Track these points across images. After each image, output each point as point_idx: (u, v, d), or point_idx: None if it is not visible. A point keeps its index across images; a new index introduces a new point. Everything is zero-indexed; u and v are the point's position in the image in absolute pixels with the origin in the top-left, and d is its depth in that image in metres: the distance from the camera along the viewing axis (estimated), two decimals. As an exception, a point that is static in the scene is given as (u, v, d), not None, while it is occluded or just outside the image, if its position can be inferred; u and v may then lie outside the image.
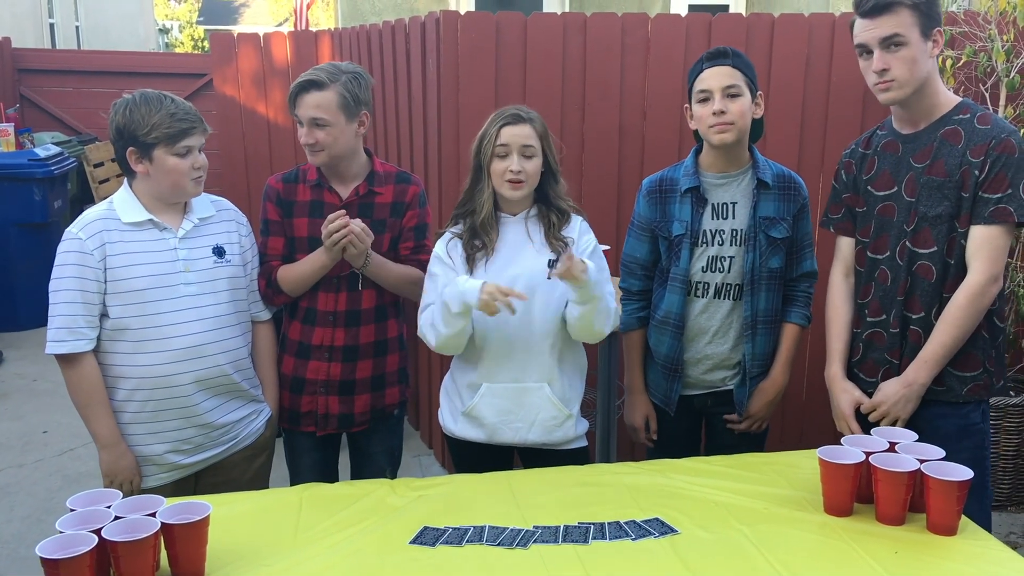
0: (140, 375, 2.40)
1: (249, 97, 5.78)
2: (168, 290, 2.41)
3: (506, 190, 2.49)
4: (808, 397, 4.13)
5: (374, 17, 8.14)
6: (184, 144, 2.38)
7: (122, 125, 2.37)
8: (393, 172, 2.79)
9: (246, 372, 2.60)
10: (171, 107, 2.38)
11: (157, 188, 2.43)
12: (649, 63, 3.88)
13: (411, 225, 2.76)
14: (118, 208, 2.43)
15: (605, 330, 2.51)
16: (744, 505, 2.08)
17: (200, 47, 31.94)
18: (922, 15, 2.27)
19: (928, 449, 2.05)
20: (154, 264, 2.41)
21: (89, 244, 2.35)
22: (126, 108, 2.38)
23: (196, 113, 2.44)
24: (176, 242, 2.45)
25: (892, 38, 2.28)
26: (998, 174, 2.26)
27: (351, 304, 2.70)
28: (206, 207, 2.56)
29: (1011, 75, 3.84)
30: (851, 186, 2.57)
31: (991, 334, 2.39)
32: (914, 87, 2.32)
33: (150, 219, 2.42)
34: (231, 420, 2.56)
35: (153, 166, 2.39)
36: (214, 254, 2.52)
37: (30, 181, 6.65)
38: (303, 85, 2.61)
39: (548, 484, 2.22)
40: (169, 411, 2.44)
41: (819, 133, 3.97)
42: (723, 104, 2.52)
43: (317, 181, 2.70)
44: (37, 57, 9.01)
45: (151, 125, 2.34)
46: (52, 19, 15.90)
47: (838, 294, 2.61)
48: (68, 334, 2.35)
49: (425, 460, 4.44)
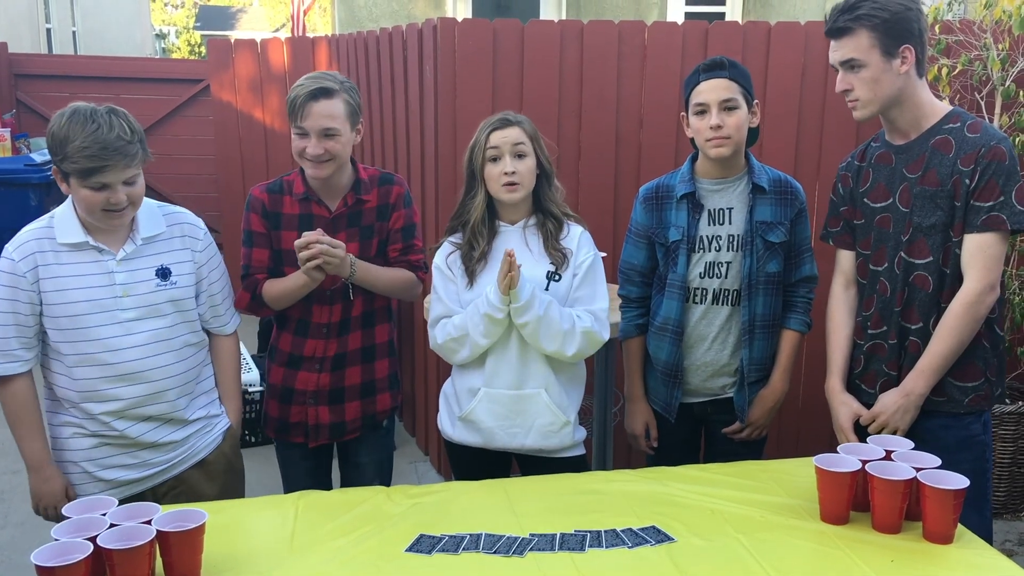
0: (78, 399, 2.33)
1: (246, 102, 5.78)
2: (105, 315, 2.31)
3: (503, 194, 2.49)
4: (805, 403, 4.13)
5: (371, 24, 8.16)
6: (96, 180, 2.19)
7: (49, 140, 2.23)
8: (376, 175, 2.74)
9: (193, 394, 2.49)
10: (88, 138, 2.15)
11: (80, 211, 2.30)
12: (646, 71, 3.89)
13: (398, 227, 2.72)
14: (57, 226, 2.31)
15: (565, 351, 2.48)
16: (740, 513, 2.08)
17: (197, 52, 31.96)
18: (883, 35, 2.27)
19: (924, 457, 2.05)
20: (89, 288, 2.30)
21: (21, 267, 2.27)
22: (52, 127, 2.21)
23: (122, 146, 2.18)
24: (115, 265, 2.32)
25: (850, 61, 2.32)
26: (989, 182, 2.26)
27: (344, 313, 2.67)
28: (155, 224, 2.41)
29: (1006, 84, 3.86)
30: (848, 199, 2.57)
31: (991, 343, 2.38)
32: (880, 105, 2.34)
33: (87, 241, 2.30)
34: (174, 440, 2.45)
35: (71, 190, 2.26)
36: (157, 276, 2.38)
37: (26, 186, 6.64)
38: (313, 93, 2.50)
39: (545, 492, 2.22)
40: (110, 434, 2.36)
41: (815, 141, 3.98)
42: (720, 118, 2.53)
43: (305, 195, 2.64)
44: (33, 62, 9.00)
45: (64, 154, 2.18)
46: (49, 24, 15.90)
47: (838, 306, 2.60)
48: (1, 356, 2.30)
49: (421, 466, 4.43)
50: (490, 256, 2.54)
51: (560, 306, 2.49)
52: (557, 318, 2.45)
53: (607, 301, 2.59)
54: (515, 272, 2.37)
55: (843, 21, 2.30)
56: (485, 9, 8.64)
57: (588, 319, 2.51)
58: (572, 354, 2.49)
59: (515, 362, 2.51)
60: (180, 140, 8.14)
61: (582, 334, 2.49)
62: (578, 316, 2.50)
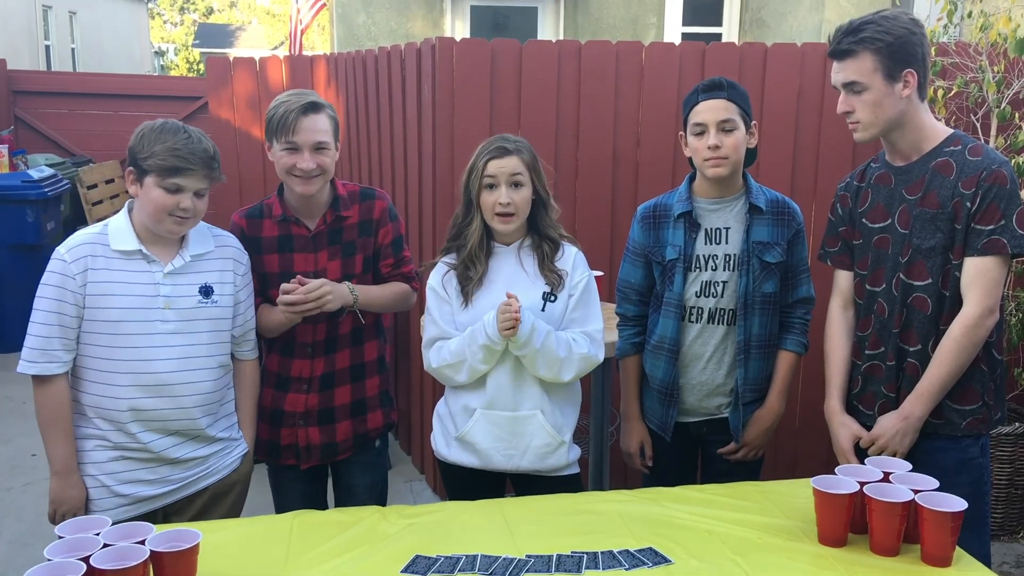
0: (107, 406, 2.36)
1: (244, 120, 5.79)
2: (143, 324, 2.35)
3: (497, 224, 2.50)
4: (802, 424, 4.13)
5: (369, 42, 8.19)
6: (174, 181, 2.31)
7: (132, 144, 2.36)
8: (356, 191, 2.72)
9: (217, 415, 2.51)
10: (179, 142, 2.32)
11: (141, 216, 2.39)
12: (643, 90, 3.91)
13: (387, 241, 2.72)
14: (111, 233, 2.39)
15: (561, 377, 2.48)
16: (738, 535, 2.07)
17: (195, 70, 32.06)
18: (886, 59, 2.28)
19: (922, 479, 2.04)
20: (133, 296, 2.35)
21: (72, 268, 2.32)
22: (143, 130, 2.35)
23: (207, 158, 2.35)
24: (161, 277, 2.38)
25: (852, 84, 2.33)
26: (990, 205, 2.26)
27: (330, 331, 2.66)
28: (205, 242, 2.49)
29: (1002, 106, 3.87)
30: (847, 219, 2.57)
31: (990, 367, 2.37)
32: (880, 128, 2.35)
33: (139, 250, 2.38)
34: (196, 456, 2.46)
35: (142, 191, 2.35)
36: (200, 293, 2.43)
37: (23, 203, 6.64)
38: (304, 108, 2.50)
39: (541, 512, 2.21)
40: (132, 447, 2.38)
41: (812, 161, 4.00)
42: (718, 139, 2.54)
43: (283, 216, 2.63)
44: (32, 79, 9.04)
45: (152, 151, 2.30)
46: (48, 41, 15.96)
47: (836, 327, 2.59)
48: (41, 355, 2.33)
49: (417, 486, 4.41)
50: (486, 278, 2.53)
51: (557, 333, 2.48)
52: (554, 347, 2.45)
53: (602, 322, 2.59)
54: (517, 318, 2.36)
55: (847, 43, 2.31)
56: (483, 30, 8.69)
57: (584, 343, 2.50)
58: (569, 379, 2.50)
59: (510, 383, 2.50)
60: (178, 157, 8.13)
61: (579, 359, 2.49)
62: (574, 340, 2.49)
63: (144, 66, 22.10)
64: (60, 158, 8.65)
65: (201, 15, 48.10)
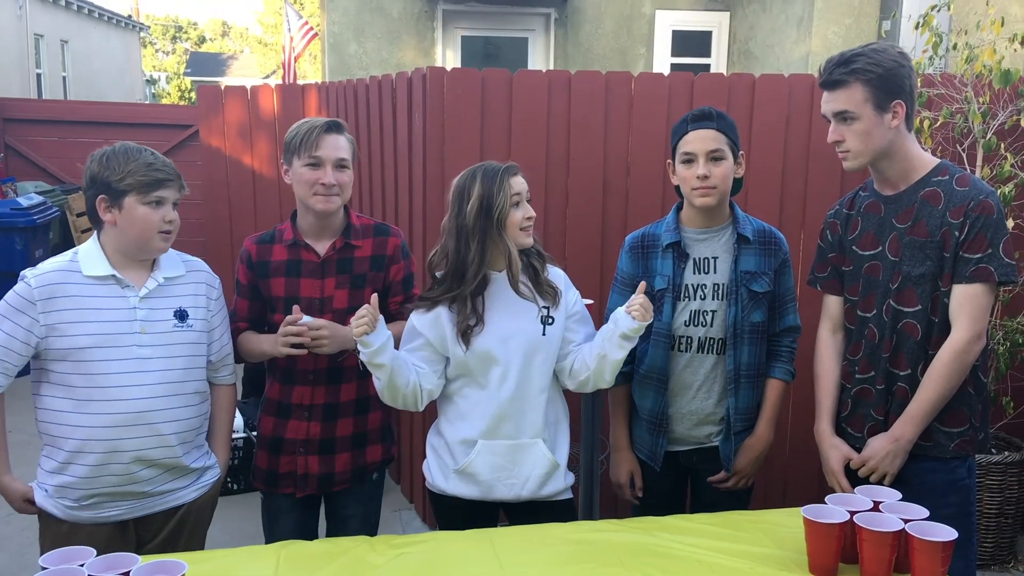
0: (79, 436, 2.31)
1: (235, 148, 5.81)
2: (118, 350, 2.32)
3: (522, 238, 2.49)
4: (792, 452, 4.12)
5: (361, 71, 8.24)
6: (157, 195, 2.32)
7: (96, 172, 2.32)
8: (371, 225, 2.75)
9: (192, 444, 2.48)
10: (149, 158, 2.35)
11: (123, 240, 2.35)
12: (632, 120, 3.93)
13: (399, 278, 2.74)
14: (82, 260, 2.36)
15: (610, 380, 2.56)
16: (729, 565, 2.06)
17: (187, 98, 32.17)
18: (876, 90, 2.32)
19: (912, 508, 2.04)
20: (107, 323, 2.32)
21: (36, 293, 2.29)
22: (103, 156, 2.33)
23: (174, 169, 2.39)
24: (136, 301, 2.36)
25: (843, 113, 2.36)
26: (977, 235, 2.29)
27: (331, 361, 2.65)
28: (175, 266, 2.47)
29: (987, 136, 3.91)
30: (836, 246, 2.60)
31: (976, 389, 2.41)
32: (870, 157, 2.38)
33: (113, 275, 2.35)
34: (169, 488, 2.44)
35: (122, 215, 2.32)
36: (175, 317, 2.41)
37: (12, 230, 6.63)
38: (328, 126, 2.57)
39: (532, 542, 2.19)
40: (106, 476, 2.33)
41: (799, 191, 4.02)
42: (707, 168, 2.56)
43: (293, 240, 2.65)
44: (22, 107, 9.05)
45: (126, 172, 2.29)
46: (40, 69, 15.99)
47: (826, 351, 2.61)
48: None
49: (406, 515, 4.38)
50: (485, 316, 2.48)
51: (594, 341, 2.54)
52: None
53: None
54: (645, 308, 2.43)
55: (838, 74, 2.34)
56: (474, 59, 8.75)
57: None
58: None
59: (514, 413, 2.49)
60: (168, 185, 8.14)
61: None
62: None
63: (136, 94, 22.16)
64: (50, 186, 8.64)
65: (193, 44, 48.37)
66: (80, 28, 18.17)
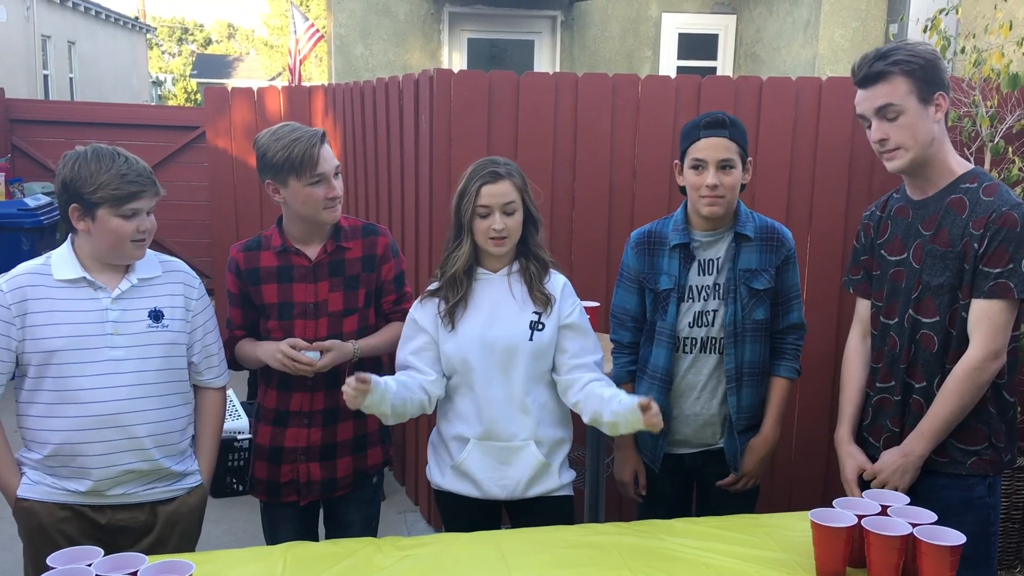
0: (55, 440, 2.30)
1: (241, 150, 5.81)
2: (90, 352, 2.29)
3: (490, 247, 2.48)
4: (798, 451, 4.11)
5: (367, 73, 8.25)
6: (131, 207, 2.27)
7: (68, 179, 2.26)
8: (359, 225, 2.73)
9: (171, 448, 2.43)
10: (122, 167, 2.26)
11: (97, 248, 2.32)
12: (639, 123, 3.93)
13: (390, 277, 2.73)
14: (54, 264, 2.34)
15: None
16: (736, 568, 2.05)
17: (193, 100, 32.22)
18: (918, 80, 2.23)
19: (920, 513, 2.02)
20: (79, 324, 2.29)
21: (8, 298, 2.28)
22: (75, 162, 2.26)
23: (149, 175, 2.32)
24: (109, 302, 2.33)
25: (886, 108, 2.26)
26: (998, 248, 2.21)
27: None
28: (152, 267, 2.43)
29: (995, 140, 3.90)
30: (868, 248, 2.53)
31: (999, 408, 2.33)
32: (920, 152, 2.28)
33: (84, 277, 2.32)
34: (145, 498, 2.41)
35: (95, 225, 2.28)
36: (150, 317, 2.37)
37: (19, 231, 6.65)
38: (320, 138, 2.54)
39: (538, 545, 2.19)
40: (80, 479, 2.32)
41: (807, 194, 4.01)
42: (717, 178, 2.54)
43: (283, 246, 2.63)
44: (29, 108, 9.06)
45: (98, 184, 2.23)
46: (46, 70, 16.03)
47: (854, 356, 2.57)
48: None
49: (411, 517, 4.38)
50: (472, 302, 2.50)
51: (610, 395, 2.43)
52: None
53: (602, 351, 2.58)
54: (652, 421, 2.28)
55: (879, 66, 2.25)
56: (480, 62, 8.76)
57: (607, 381, 2.53)
58: None
59: (501, 415, 2.49)
60: (175, 186, 8.16)
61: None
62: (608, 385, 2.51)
63: (142, 96, 22.21)
64: (56, 186, 8.65)
65: (199, 46, 48.46)
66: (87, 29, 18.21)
